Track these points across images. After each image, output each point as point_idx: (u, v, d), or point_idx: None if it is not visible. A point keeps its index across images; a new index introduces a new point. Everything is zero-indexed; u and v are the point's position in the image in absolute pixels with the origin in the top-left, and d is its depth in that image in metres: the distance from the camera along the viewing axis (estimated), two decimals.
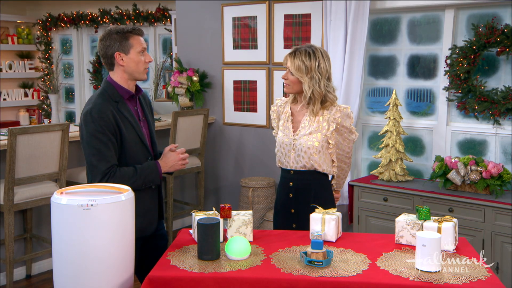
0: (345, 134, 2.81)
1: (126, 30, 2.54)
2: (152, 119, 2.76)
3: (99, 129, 2.47)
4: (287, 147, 2.79)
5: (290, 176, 2.82)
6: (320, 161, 2.75)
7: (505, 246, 3.41)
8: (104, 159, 2.47)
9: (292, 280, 2.04)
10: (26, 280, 4.27)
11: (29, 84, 7.79)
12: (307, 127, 2.75)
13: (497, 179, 3.55)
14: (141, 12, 6.38)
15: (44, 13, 7.41)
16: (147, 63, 2.60)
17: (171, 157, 2.65)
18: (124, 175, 2.49)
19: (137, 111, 2.65)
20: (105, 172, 2.47)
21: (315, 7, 4.56)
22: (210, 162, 5.43)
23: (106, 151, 2.48)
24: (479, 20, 3.87)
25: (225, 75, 5.22)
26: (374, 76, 4.49)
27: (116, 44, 2.53)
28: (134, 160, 2.58)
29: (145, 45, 2.61)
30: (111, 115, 2.50)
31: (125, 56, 2.54)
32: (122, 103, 2.56)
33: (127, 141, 2.54)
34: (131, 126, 2.56)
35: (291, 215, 2.83)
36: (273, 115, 2.94)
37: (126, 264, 2.19)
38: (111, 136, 2.49)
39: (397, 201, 3.83)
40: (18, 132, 3.64)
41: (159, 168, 2.60)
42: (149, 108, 2.77)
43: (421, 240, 2.07)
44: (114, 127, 2.50)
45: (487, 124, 3.91)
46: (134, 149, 2.57)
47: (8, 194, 3.69)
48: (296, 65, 2.70)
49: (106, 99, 2.53)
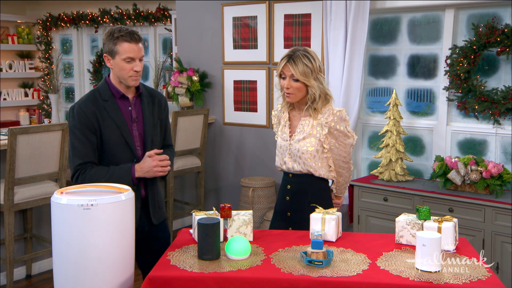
0: (340, 138, 2.72)
1: (116, 35, 2.50)
2: (155, 119, 2.68)
3: (77, 125, 2.50)
4: (284, 151, 2.78)
5: (288, 179, 2.80)
6: (316, 166, 2.71)
7: (505, 246, 3.41)
8: (77, 155, 2.50)
9: (292, 280, 2.04)
10: (26, 280, 4.27)
11: (29, 84, 7.79)
12: (302, 131, 2.72)
13: (497, 179, 3.55)
14: (141, 12, 6.37)
15: (44, 13, 7.41)
16: (134, 71, 2.53)
17: (147, 163, 2.55)
18: (95, 174, 2.49)
19: (130, 111, 2.60)
20: (76, 168, 2.50)
21: (315, 7, 4.56)
22: (210, 162, 5.43)
23: (81, 148, 2.50)
24: (479, 20, 3.86)
25: (225, 75, 5.22)
26: (374, 76, 4.49)
27: (106, 45, 2.54)
28: (115, 161, 2.55)
29: (133, 53, 2.51)
30: (92, 114, 2.51)
31: (112, 59, 2.54)
32: (112, 102, 2.55)
33: (107, 141, 2.53)
34: (115, 126, 2.53)
35: (287, 218, 2.81)
36: (275, 120, 2.91)
37: (126, 264, 2.19)
38: (89, 134, 2.50)
39: (397, 201, 3.83)
40: (18, 132, 3.64)
41: (132, 171, 2.53)
42: (156, 108, 2.69)
43: (421, 240, 2.07)
44: (94, 125, 2.51)
45: (487, 124, 3.90)
46: (116, 150, 2.55)
47: (8, 194, 3.69)
48: (301, 70, 2.61)
49: (93, 97, 2.55)
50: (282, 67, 2.66)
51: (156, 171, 2.56)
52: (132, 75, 2.54)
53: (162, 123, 2.74)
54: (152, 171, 2.55)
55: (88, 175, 2.48)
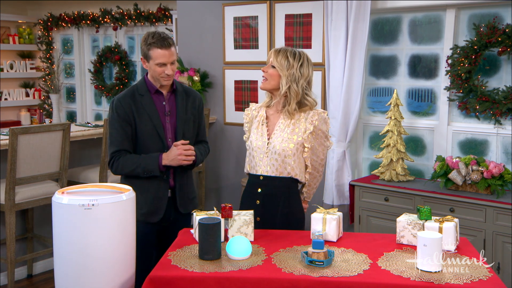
0: (321, 139, 2.75)
1: (149, 41, 2.76)
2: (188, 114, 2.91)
3: (115, 117, 2.79)
4: (259, 150, 2.73)
5: (259, 182, 2.74)
6: (294, 164, 2.69)
7: (506, 246, 3.41)
8: (114, 143, 2.80)
9: (293, 280, 2.04)
10: (27, 279, 4.27)
11: (30, 84, 7.79)
12: (282, 130, 2.71)
13: (498, 179, 3.55)
14: (142, 12, 6.38)
15: (45, 13, 7.42)
16: (166, 74, 2.77)
17: (173, 151, 2.78)
18: (127, 160, 2.77)
19: (164, 105, 2.86)
20: (112, 155, 2.79)
21: (316, 7, 4.56)
22: (211, 162, 5.43)
23: (117, 136, 2.78)
24: (481, 20, 3.86)
25: (226, 75, 5.22)
26: (375, 76, 4.49)
27: (143, 49, 2.82)
28: (147, 150, 2.81)
29: (164, 59, 2.76)
30: (128, 106, 2.79)
31: (147, 62, 2.83)
32: (147, 97, 2.83)
33: (141, 132, 2.80)
34: (148, 118, 2.80)
35: (256, 223, 2.68)
36: (246, 119, 2.88)
37: (127, 264, 2.19)
38: (125, 125, 2.78)
39: (398, 201, 3.83)
40: (19, 132, 3.64)
41: (160, 159, 2.77)
42: (189, 104, 2.92)
43: (422, 240, 2.07)
44: (130, 117, 2.79)
45: (488, 124, 3.90)
46: (148, 140, 2.81)
47: (10, 194, 3.69)
48: (279, 59, 2.69)
49: (131, 92, 2.84)
50: (270, 52, 2.78)
51: (180, 159, 2.78)
52: (164, 77, 2.80)
53: (196, 119, 2.97)
54: (176, 159, 2.77)
55: (122, 161, 2.77)
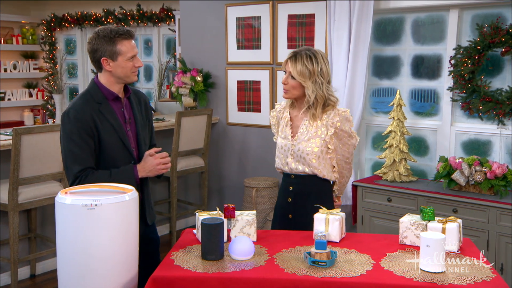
0: (344, 139, 2.74)
1: (113, 35, 2.45)
2: (144, 119, 2.67)
3: (74, 131, 2.42)
4: (285, 152, 2.75)
5: (290, 180, 2.77)
6: (320, 166, 2.70)
7: (509, 246, 3.40)
8: (77, 161, 2.43)
9: (295, 281, 2.04)
10: (30, 279, 4.28)
11: (33, 84, 7.81)
12: (305, 132, 2.70)
13: (501, 180, 3.54)
14: (145, 12, 6.39)
15: (49, 14, 7.43)
16: (136, 67, 2.52)
17: (149, 162, 2.55)
18: (97, 179, 2.42)
19: (123, 112, 2.57)
20: (76, 175, 2.43)
21: (319, 7, 4.56)
22: (214, 162, 5.43)
23: (80, 153, 2.43)
24: (484, 20, 3.86)
25: (229, 75, 5.23)
26: (378, 76, 4.49)
27: (102, 49, 2.46)
28: (114, 164, 2.51)
29: (135, 50, 2.51)
30: (90, 117, 2.44)
31: (112, 62, 2.47)
32: (106, 105, 2.51)
33: (106, 145, 2.48)
34: (112, 129, 2.50)
35: (289, 220, 2.77)
36: (273, 121, 2.89)
37: (130, 264, 2.19)
38: (87, 139, 2.44)
39: (401, 201, 3.83)
40: (22, 132, 3.65)
41: (135, 172, 2.52)
42: (143, 107, 2.69)
43: (425, 241, 2.07)
44: (92, 129, 2.45)
45: (491, 124, 3.89)
46: (115, 153, 2.51)
47: (13, 194, 3.70)
48: (298, 70, 2.63)
49: (87, 100, 2.48)
50: (284, 62, 2.71)
51: (159, 169, 2.56)
52: (134, 71, 2.52)
53: (149, 123, 2.74)
54: (155, 169, 2.56)
55: (90, 181, 2.41)
